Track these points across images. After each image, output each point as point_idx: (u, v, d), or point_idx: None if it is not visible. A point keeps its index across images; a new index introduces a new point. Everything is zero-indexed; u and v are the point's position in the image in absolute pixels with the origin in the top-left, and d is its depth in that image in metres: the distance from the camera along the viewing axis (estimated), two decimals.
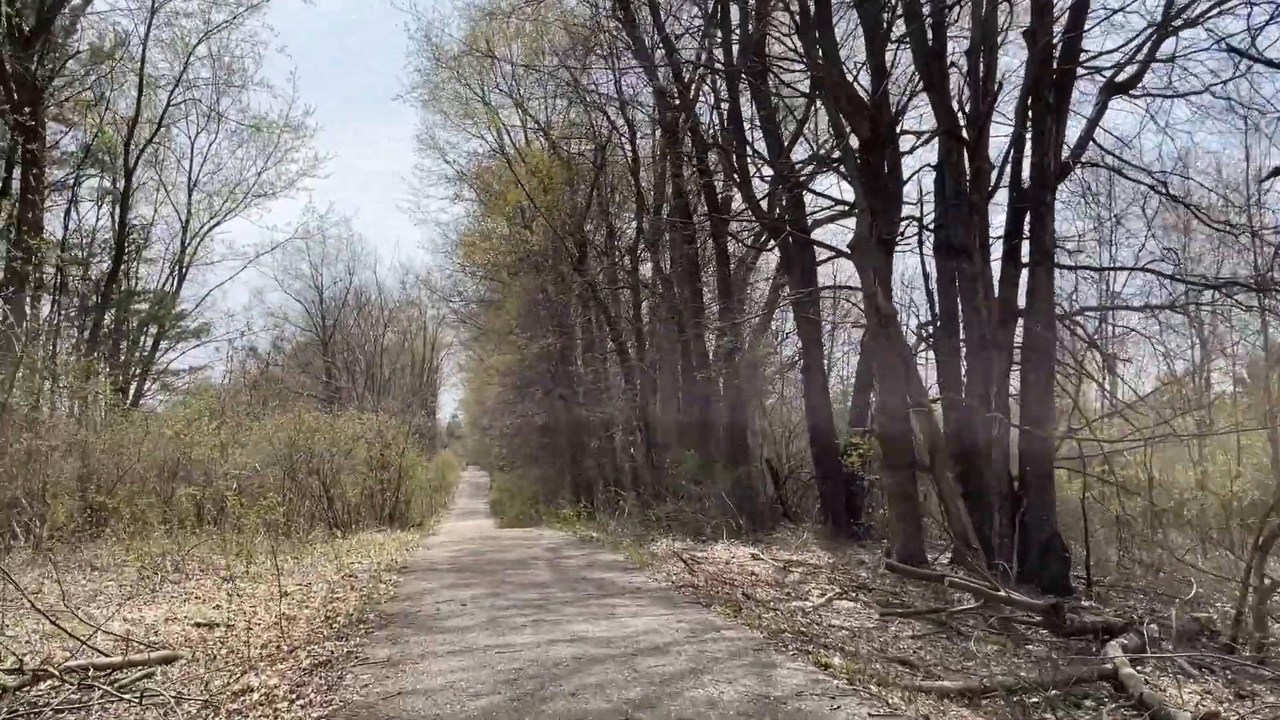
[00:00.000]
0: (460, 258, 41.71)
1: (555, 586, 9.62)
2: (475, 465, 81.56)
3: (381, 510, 20.94)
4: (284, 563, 12.76)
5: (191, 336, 41.59)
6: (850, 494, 17.99)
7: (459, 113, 34.66)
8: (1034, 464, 12.62)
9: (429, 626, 7.58)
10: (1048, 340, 12.48)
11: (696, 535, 17.05)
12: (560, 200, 29.59)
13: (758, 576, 12.51)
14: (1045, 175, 12.49)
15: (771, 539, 17.09)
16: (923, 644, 8.63)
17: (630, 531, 18.25)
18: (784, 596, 10.83)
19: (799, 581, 12.32)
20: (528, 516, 33.93)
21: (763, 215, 17.50)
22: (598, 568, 11.30)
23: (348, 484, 19.35)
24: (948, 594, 11.82)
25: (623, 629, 7.16)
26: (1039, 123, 12.50)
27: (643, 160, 24.64)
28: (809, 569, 13.52)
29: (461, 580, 10.35)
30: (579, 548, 14.34)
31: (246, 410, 21.28)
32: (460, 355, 64.99)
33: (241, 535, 13.51)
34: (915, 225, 15.67)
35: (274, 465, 17.27)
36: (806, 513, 20.51)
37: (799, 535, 17.42)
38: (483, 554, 13.30)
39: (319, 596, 9.74)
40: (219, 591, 10.27)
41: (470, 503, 60.32)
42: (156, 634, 7.98)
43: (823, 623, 9.20)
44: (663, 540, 16.61)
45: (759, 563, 14.07)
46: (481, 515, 51.45)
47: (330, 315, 56.67)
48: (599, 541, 15.44)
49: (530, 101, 30.36)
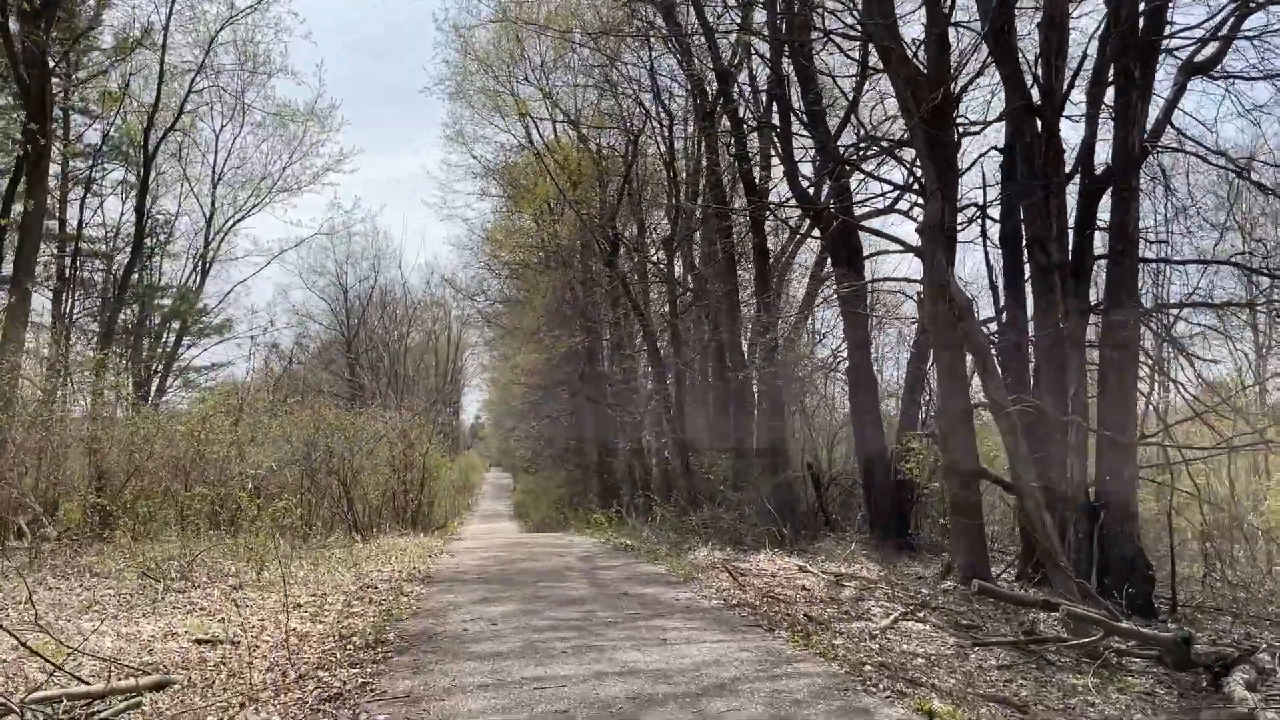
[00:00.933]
0: (487, 253, 40.95)
1: (596, 603, 8.65)
2: (498, 466, 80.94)
3: (404, 513, 20.08)
4: (299, 570, 11.89)
5: (214, 333, 41.02)
6: (898, 503, 16.91)
7: (486, 105, 33.83)
8: (1113, 472, 11.51)
9: (456, 651, 6.64)
10: (1131, 337, 11.37)
11: (736, 544, 16.05)
12: (590, 195, 28.75)
13: (810, 592, 11.50)
14: (1130, 156, 11.40)
15: (815, 549, 16.07)
16: (1011, 676, 7.59)
17: (665, 539, 17.28)
18: (843, 616, 9.81)
19: (856, 598, 11.29)
20: (554, 520, 33.04)
21: (809, 201, 16.44)
22: (639, 581, 10.32)
23: (369, 485, 18.50)
24: (1022, 616, 10.78)
25: (679, 659, 6.19)
26: (1123, 97, 11.40)
27: (677, 151, 23.68)
28: (863, 584, 12.48)
29: (491, 594, 9.41)
30: (615, 557, 13.37)
31: (267, 408, 20.53)
32: (484, 356, 64.28)
33: (254, 539, 12.66)
34: (973, 215, 14.65)
35: (292, 464, 16.44)
36: (848, 521, 19.45)
37: (844, 545, 16.37)
38: (512, 563, 12.36)
39: (334, 610, 8.83)
40: (226, 602, 9.38)
41: (493, 504, 59.54)
42: (151, 653, 7.10)
43: (894, 648, 8.19)
44: (701, 549, 15.62)
45: (808, 575, 13.05)
46: (505, 517, 50.65)
47: (354, 314, 56.13)
48: (635, 550, 14.47)
49: (559, 93, 29.53)
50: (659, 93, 21.50)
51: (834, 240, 16.75)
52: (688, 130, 23.35)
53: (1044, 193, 12.09)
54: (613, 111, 28.35)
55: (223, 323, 41.11)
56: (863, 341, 17.24)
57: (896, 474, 16.88)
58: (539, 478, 48.50)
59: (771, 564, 14.17)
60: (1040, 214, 12.08)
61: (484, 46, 31.35)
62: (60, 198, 34.22)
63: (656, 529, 18.72)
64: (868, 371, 17.16)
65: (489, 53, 31.20)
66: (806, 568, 13.46)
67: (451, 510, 43.17)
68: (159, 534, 12.37)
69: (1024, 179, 12.04)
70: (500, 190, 37.79)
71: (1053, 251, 11.81)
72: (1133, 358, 11.52)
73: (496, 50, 31.09)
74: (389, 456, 19.70)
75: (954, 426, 12.53)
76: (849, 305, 16.97)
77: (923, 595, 11.67)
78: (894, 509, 16.78)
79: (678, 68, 21.33)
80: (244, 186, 40.37)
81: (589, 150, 29.27)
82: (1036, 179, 11.96)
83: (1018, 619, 10.79)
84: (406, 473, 20.42)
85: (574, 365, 33.23)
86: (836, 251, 16.96)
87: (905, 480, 16.93)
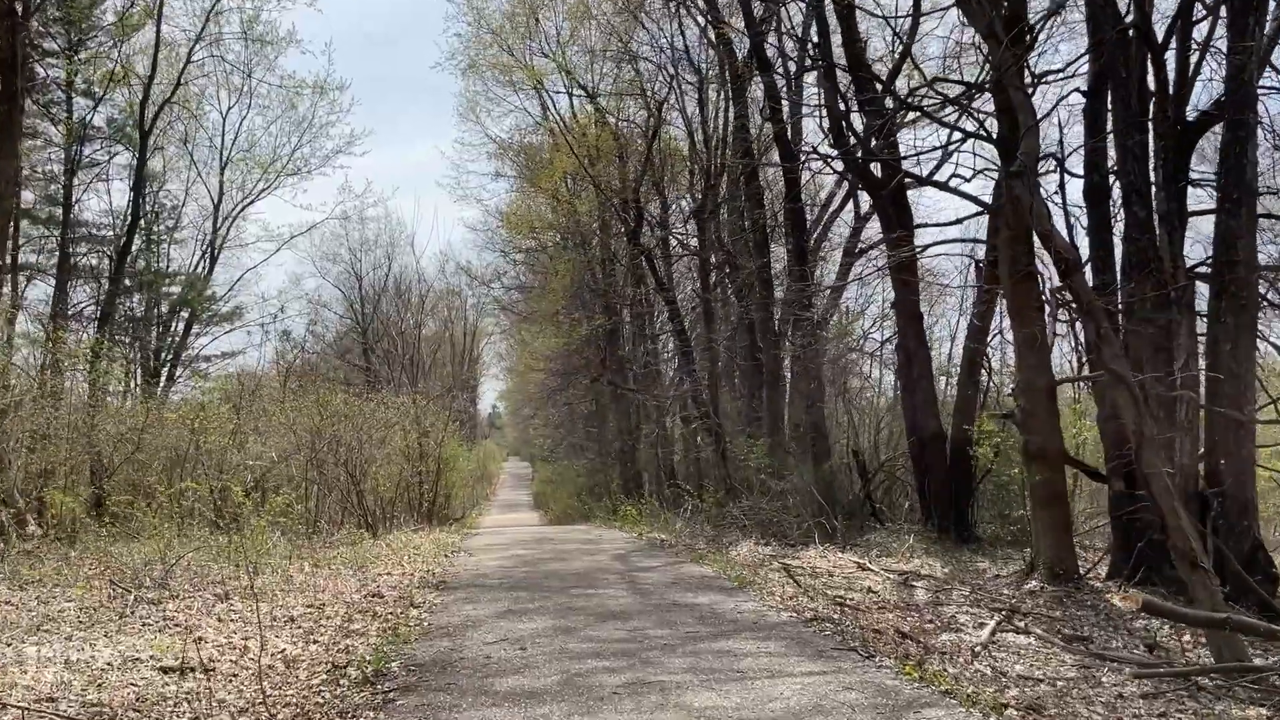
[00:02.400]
0: (503, 237, 39.58)
1: (643, 617, 7.22)
2: (516, 456, 79.86)
3: (419, 505, 18.73)
4: (298, 572, 10.54)
5: (224, 320, 39.85)
6: (955, 492, 15.40)
7: (500, 81, 32.42)
8: (1228, 454, 10.00)
9: (476, 688, 5.24)
10: (1251, 299, 9.84)
11: (780, 538, 14.61)
12: (609, 171, 27.31)
13: (879, 596, 10.06)
14: (1247, 91, 9.83)
15: (865, 542, 14.59)
16: (1164, 709, 6.14)
17: (701, 532, 15.86)
18: (926, 625, 8.36)
19: (932, 602, 9.84)
20: (576, 511, 31.72)
21: (855, 155, 14.88)
22: (687, 586, 8.88)
23: (380, 476, 17.15)
24: (1129, 624, 9.32)
25: (768, 701, 4.77)
26: (1238, 21, 9.83)
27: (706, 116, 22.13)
28: (933, 584, 11.03)
29: (516, 604, 8.00)
30: (652, 555, 11.94)
31: (276, 396, 19.24)
32: (500, 344, 63.01)
33: (250, 537, 11.32)
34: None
35: (297, 455, 15.10)
36: (894, 512, 17.99)
37: (897, 538, 14.90)
38: (538, 563, 10.95)
39: (332, 626, 7.45)
40: (208, 616, 8.03)
41: (512, 494, 58.29)
42: (100, 687, 5.74)
43: (1007, 670, 6.74)
44: (742, 543, 14.18)
45: (869, 575, 11.61)
46: (524, 507, 49.36)
47: (369, 302, 54.87)
48: (672, 547, 13.04)
49: (576, 67, 28.05)
50: (688, 49, 19.96)
51: (885, 201, 15.24)
52: (715, 95, 21.79)
53: (1140, 138, 10.55)
54: (633, 82, 26.91)
55: (233, 310, 39.95)
56: (915, 313, 15.71)
57: (955, 460, 15.42)
58: (559, 467, 47.22)
59: (825, 561, 12.73)
60: (1137, 162, 10.54)
61: (497, 18, 29.98)
62: (66, 183, 33.11)
63: (690, 521, 17.32)
64: (921, 347, 15.64)
65: (502, 25, 29.81)
66: (866, 565, 12.01)
67: (470, 501, 41.96)
68: (144, 533, 11.03)
69: (1120, 121, 10.49)
70: (515, 170, 36.42)
71: (1156, 203, 10.27)
72: (1251, 323, 9.97)
73: (511, 23, 29.69)
74: (402, 446, 18.35)
75: (1036, 405, 11.03)
76: (901, 274, 15.46)
77: (1006, 598, 10.20)
78: (951, 498, 15.30)
79: (706, 25, 19.83)
80: (253, 170, 39.15)
81: (608, 125, 27.83)
82: (1134, 120, 10.41)
83: (1126, 627, 9.34)
84: (421, 463, 19.06)
85: (594, 349, 31.84)
86: (885, 213, 15.43)
87: (963, 467, 15.47)
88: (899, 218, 15.54)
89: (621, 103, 29.97)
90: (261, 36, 25.35)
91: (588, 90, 28.25)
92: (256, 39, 25.30)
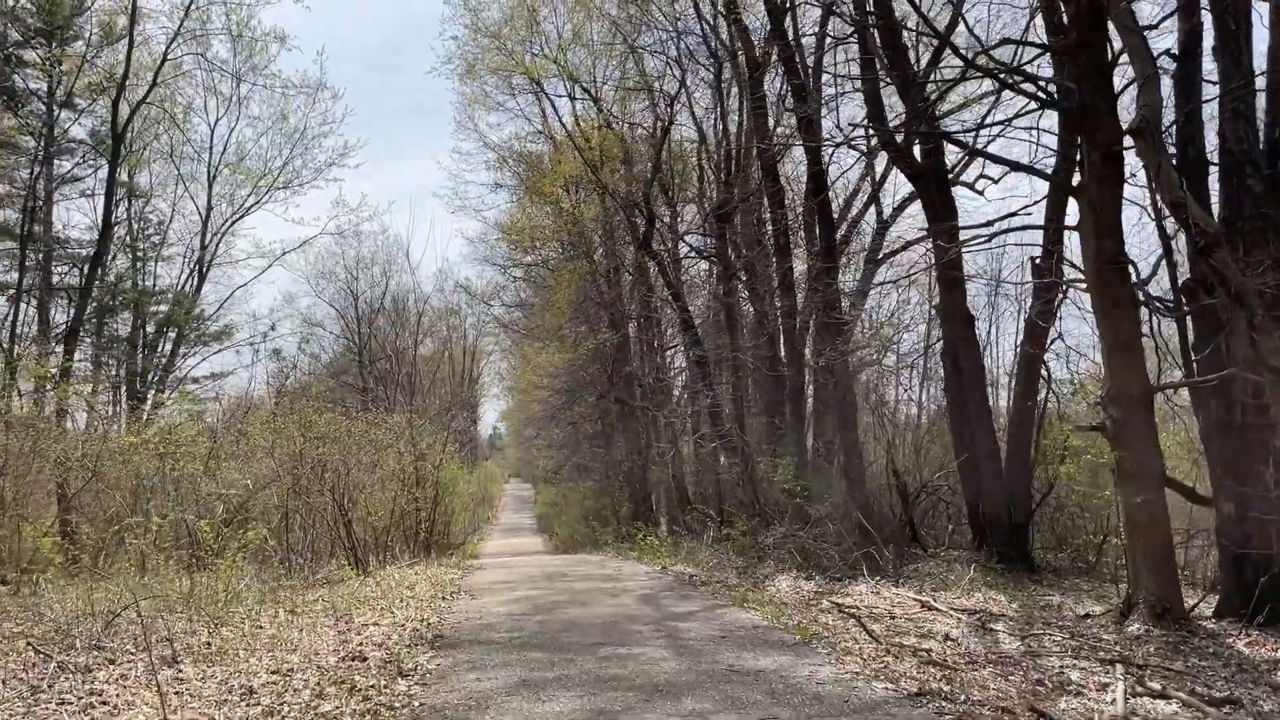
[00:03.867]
0: (503, 251, 38.11)
1: (698, 693, 5.57)
2: (518, 477, 78.07)
3: (415, 535, 17.10)
4: (272, 620, 8.93)
5: (213, 340, 38.34)
6: (1012, 515, 13.79)
7: (500, 88, 31.06)
8: None
9: None
10: None
11: (821, 570, 13.01)
12: (614, 176, 25.87)
13: (960, 646, 8.45)
14: None
15: (915, 573, 12.96)
16: None
17: (729, 563, 14.25)
18: (1031, 689, 6.75)
19: (1027, 651, 8.22)
20: (583, 536, 30.05)
21: (893, 138, 13.37)
22: (740, 641, 7.23)
23: (372, 504, 15.53)
24: (1270, 678, 7.71)
25: None
26: None
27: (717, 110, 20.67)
28: (1016, 627, 9.41)
29: (533, 672, 6.37)
30: (684, 596, 10.28)
31: (266, 418, 17.61)
32: (501, 364, 61.48)
33: (215, 580, 9.73)
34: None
35: (279, 481, 13.50)
36: (935, 537, 16.35)
37: (950, 569, 13.29)
38: (553, 609, 9.28)
39: (297, 704, 5.84)
40: (146, 689, 6.42)
41: (515, 517, 56.42)
42: None
43: None
44: (780, 578, 12.58)
45: (936, 615, 10.01)
46: (528, 531, 47.54)
47: (366, 321, 53.32)
48: (705, 584, 11.42)
49: (579, 71, 26.65)
50: (705, 35, 18.44)
51: (929, 188, 13.73)
52: (730, 83, 20.30)
53: (1249, 103, 9.04)
54: (639, 80, 25.51)
55: (222, 329, 38.45)
56: (965, 317, 14.15)
57: (1012, 479, 13.82)
58: (563, 489, 45.55)
59: (880, 598, 11.14)
60: (1247, 127, 9.02)
61: (495, 19, 28.65)
62: (45, 198, 31.69)
63: (714, 549, 15.70)
64: (973, 354, 14.06)
65: (500, 27, 28.48)
66: (932, 604, 10.40)
67: (471, 525, 40.22)
68: (91, 576, 9.43)
69: (1230, 82, 8.96)
70: (515, 180, 35.00)
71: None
72: None
73: (510, 25, 28.37)
74: (396, 469, 16.73)
75: (1130, 415, 9.45)
76: (949, 271, 13.92)
77: (1109, 644, 8.59)
78: (1009, 522, 13.69)
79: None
80: (243, 184, 37.79)
81: (613, 130, 26.42)
82: (1247, 81, 8.89)
83: (1267, 681, 7.73)
84: (417, 488, 17.44)
85: (600, 365, 30.28)
86: (930, 201, 13.90)
87: (1021, 488, 13.88)
88: (944, 208, 14.04)
89: (627, 107, 28.64)
90: (245, 32, 23.81)
91: (591, 93, 26.88)
92: (239, 33, 23.73)
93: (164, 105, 24.84)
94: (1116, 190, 9.59)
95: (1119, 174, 9.68)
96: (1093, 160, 9.65)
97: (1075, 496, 14.42)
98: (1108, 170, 9.56)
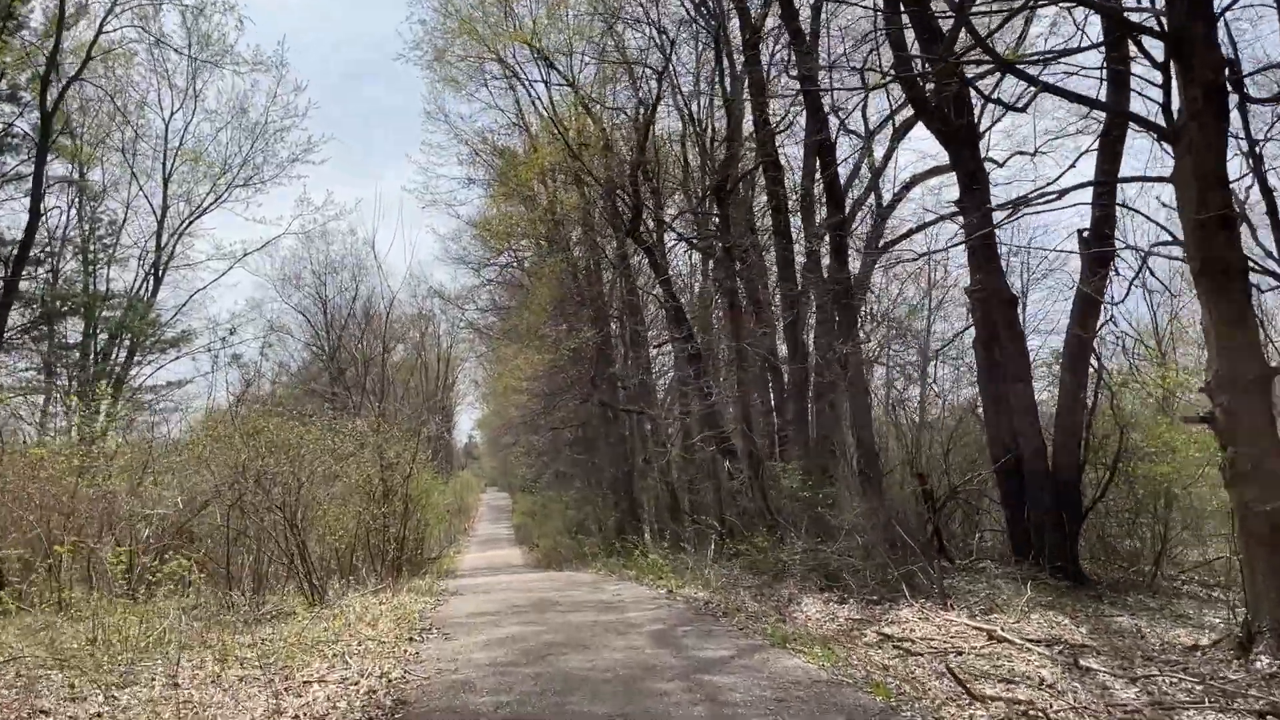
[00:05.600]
0: (477, 248, 36.21)
1: None
2: (494, 486, 75.97)
3: (382, 554, 15.18)
4: (192, 677, 7.06)
5: (170, 346, 36.12)
6: (1060, 522, 12.12)
7: (472, 77, 29.23)
8: None
9: None
10: None
11: (852, 590, 11.27)
12: (594, 163, 24.11)
13: (1057, 690, 6.74)
14: None
15: (954, 592, 11.23)
16: None
17: (739, 581, 12.49)
18: None
19: (1153, 700, 6.51)
20: (566, 548, 28.17)
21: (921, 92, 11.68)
22: (808, 709, 5.40)
23: (331, 521, 13.61)
24: None
25: None
26: None
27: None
28: (1113, 664, 7.71)
29: None
30: (707, 631, 8.39)
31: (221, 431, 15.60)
32: (477, 372, 59.44)
33: (128, 618, 7.85)
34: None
35: (219, 498, 11.57)
36: (962, 546, 14.66)
37: (989, 584, 11.60)
38: (547, 653, 7.36)
39: None
40: None
41: (492, 528, 54.30)
42: None
43: None
44: (807, 601, 10.85)
45: (1008, 648, 8.29)
46: (506, 542, 45.51)
47: (336, 328, 51.12)
48: (725, 613, 9.62)
49: (555, 55, 24.86)
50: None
51: (961, 149, 12.08)
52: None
53: None
54: (620, 60, 23.76)
55: (179, 335, 36.26)
56: (1006, 298, 12.47)
57: (1060, 483, 12.15)
58: (542, 497, 43.66)
59: (930, 624, 9.41)
60: None
61: (465, 6, 26.81)
62: None
63: (717, 564, 13.93)
64: (1015, 341, 12.37)
65: (470, 11, 26.66)
66: (997, 633, 8.68)
67: (447, 537, 38.17)
68: None
69: None
70: (488, 176, 33.15)
71: None
72: None
73: (482, 9, 26.56)
74: (360, 481, 14.82)
75: (1245, 404, 7.82)
76: (984, 245, 12.26)
77: (1240, 686, 6.90)
78: (1056, 530, 12.01)
79: None
80: (201, 181, 35.72)
81: (591, 115, 24.67)
82: None
83: None
84: (385, 503, 15.54)
85: (581, 367, 28.44)
86: (963, 166, 12.23)
87: (1071, 492, 12.22)
88: (974, 167, 12.39)
89: (607, 90, 26.92)
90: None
91: (568, 79, 25.09)
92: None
93: (101, 84, 22.66)
94: (1220, 130, 7.97)
95: (1222, 111, 8.05)
96: (1190, 97, 8.04)
97: (1131, 499, 12.79)
98: (1209, 108, 7.95)
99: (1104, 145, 12.16)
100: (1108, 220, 12.12)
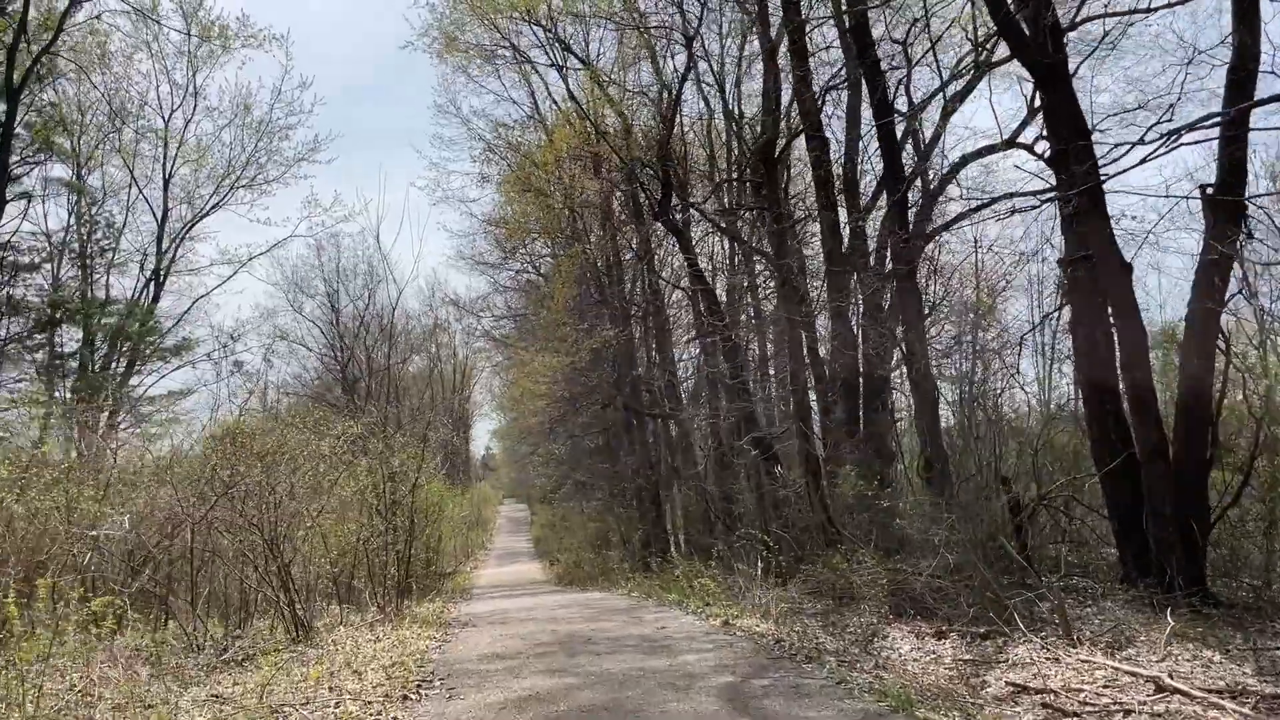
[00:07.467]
0: (494, 250, 34.48)
1: None
2: (512, 498, 74.12)
3: (383, 579, 13.28)
4: None
5: (172, 355, 34.47)
6: (1186, 534, 10.07)
7: (484, 69, 27.47)
8: None
9: None
10: None
11: (946, 619, 9.28)
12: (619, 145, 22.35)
13: None
14: None
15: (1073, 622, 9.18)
16: None
17: (802, 608, 10.50)
18: None
19: None
20: (590, 563, 26.20)
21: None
22: None
23: (321, 541, 11.71)
24: None
25: None
26: None
27: None
28: None
29: None
30: (794, 686, 6.27)
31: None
32: (494, 382, 57.64)
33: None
34: None
35: (182, 518, 9.72)
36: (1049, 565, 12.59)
37: (1098, 606, 9.63)
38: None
39: None
40: None
41: (510, 540, 52.27)
42: None
43: None
44: (896, 635, 8.86)
45: (1179, 700, 6.32)
46: (525, 556, 43.45)
47: (348, 336, 49.38)
48: (797, 652, 7.65)
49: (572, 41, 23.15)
50: None
51: (1056, 94, 10.12)
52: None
53: None
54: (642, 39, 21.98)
55: (181, 343, 34.60)
56: (1116, 261, 10.43)
57: (1185, 487, 10.12)
58: (562, 509, 41.76)
59: (1063, 667, 7.42)
60: None
61: None
62: None
63: (767, 585, 11.95)
64: (1130, 314, 10.34)
65: None
66: (1164, 681, 6.68)
67: (464, 551, 36.27)
68: None
69: None
70: (503, 172, 31.45)
71: None
72: None
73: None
74: (356, 494, 12.93)
75: None
76: (1090, 206, 10.25)
77: None
78: (1188, 545, 9.97)
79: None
80: (203, 182, 34.13)
81: (610, 98, 22.93)
82: None
83: None
84: (388, 518, 13.63)
85: (603, 369, 26.53)
86: (1056, 98, 10.24)
87: (1198, 499, 10.18)
88: (1072, 124, 10.41)
89: (627, 74, 25.19)
90: None
91: (584, 61, 23.31)
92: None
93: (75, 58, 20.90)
94: None
95: None
96: None
97: (1268, 505, 10.73)
98: None
99: (1231, 84, 10.20)
100: (1237, 169, 10.13)
